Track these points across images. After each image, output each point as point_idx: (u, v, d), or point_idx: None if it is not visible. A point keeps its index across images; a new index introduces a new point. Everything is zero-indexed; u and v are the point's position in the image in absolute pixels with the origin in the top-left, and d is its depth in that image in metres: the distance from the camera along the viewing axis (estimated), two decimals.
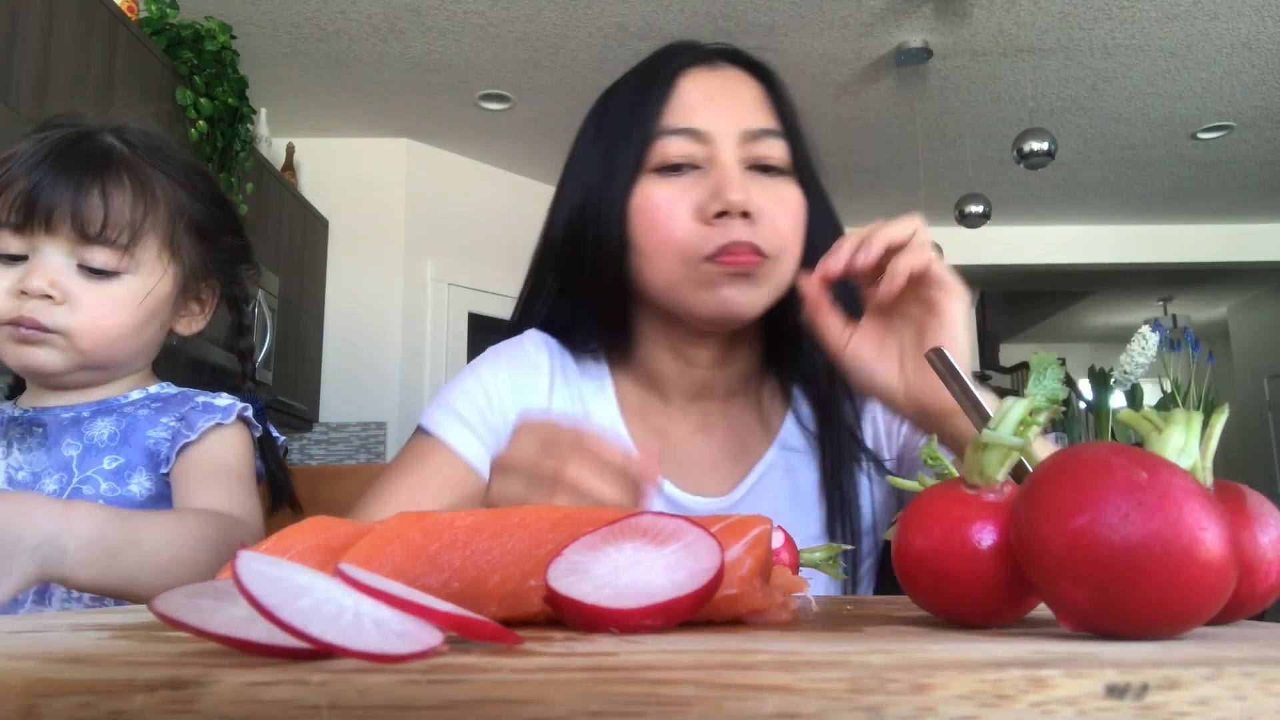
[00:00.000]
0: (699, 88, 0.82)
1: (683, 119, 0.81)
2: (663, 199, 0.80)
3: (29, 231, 0.80)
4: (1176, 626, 0.30)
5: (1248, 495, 0.37)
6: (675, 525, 0.35)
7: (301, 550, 0.37)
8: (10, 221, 0.79)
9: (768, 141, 0.81)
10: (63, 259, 0.81)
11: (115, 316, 0.83)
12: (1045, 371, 0.38)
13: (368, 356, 4.23)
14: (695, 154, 0.80)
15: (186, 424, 0.84)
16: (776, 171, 0.81)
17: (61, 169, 0.80)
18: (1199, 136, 4.56)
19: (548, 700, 0.21)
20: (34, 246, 0.80)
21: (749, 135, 0.80)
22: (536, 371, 0.88)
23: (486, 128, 4.29)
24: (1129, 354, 2.88)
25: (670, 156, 0.80)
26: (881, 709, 0.22)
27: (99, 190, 0.81)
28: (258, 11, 3.32)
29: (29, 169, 0.80)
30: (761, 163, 0.81)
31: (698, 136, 0.80)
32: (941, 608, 0.37)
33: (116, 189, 0.82)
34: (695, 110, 0.81)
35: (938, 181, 4.88)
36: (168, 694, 0.22)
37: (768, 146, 0.81)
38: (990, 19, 3.50)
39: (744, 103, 0.82)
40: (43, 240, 0.80)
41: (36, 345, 0.81)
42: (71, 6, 2.39)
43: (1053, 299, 7.78)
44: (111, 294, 0.82)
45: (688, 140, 0.80)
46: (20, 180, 0.79)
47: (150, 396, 0.88)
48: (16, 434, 0.85)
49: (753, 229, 0.77)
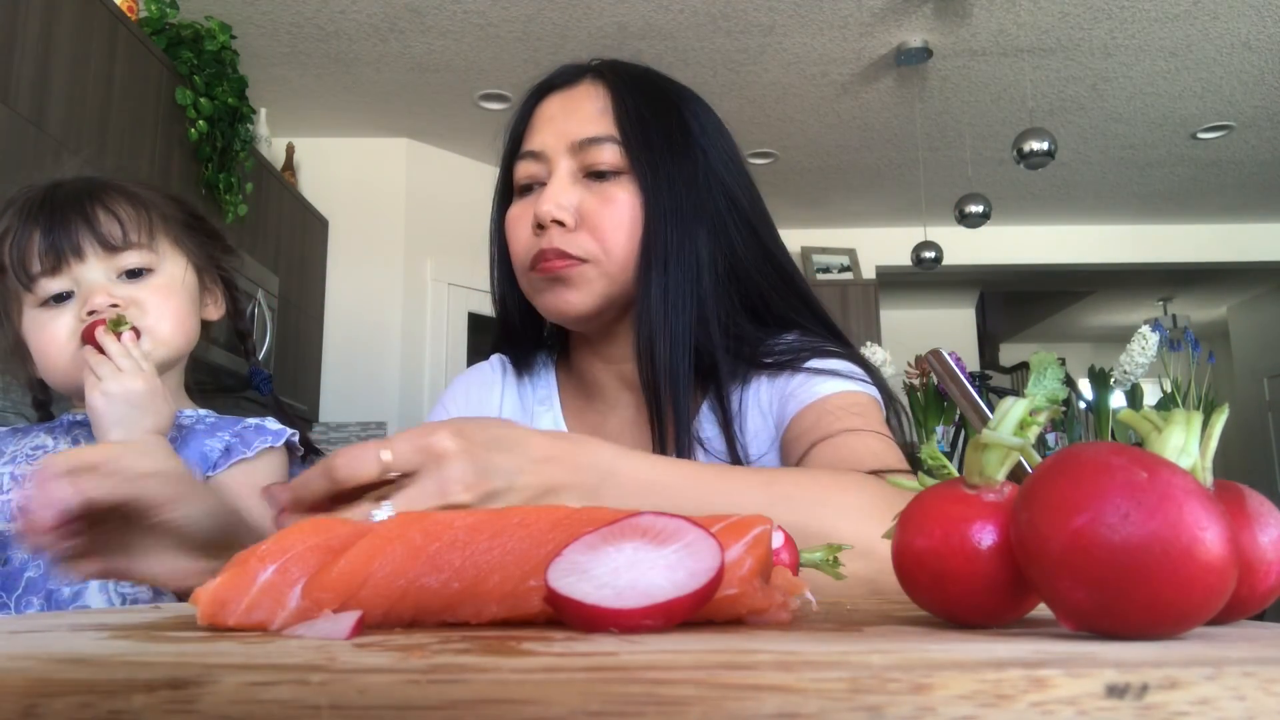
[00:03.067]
0: (545, 111, 0.91)
1: (528, 143, 0.90)
2: (512, 218, 0.90)
3: (64, 268, 0.88)
4: (1176, 626, 0.30)
5: (1248, 495, 0.37)
6: (675, 525, 0.35)
7: (301, 550, 0.37)
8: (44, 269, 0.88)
9: (597, 148, 0.86)
10: (103, 276, 0.89)
11: (173, 304, 0.92)
12: (1045, 371, 0.38)
13: (368, 356, 4.23)
14: (537, 173, 0.89)
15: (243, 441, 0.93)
16: (608, 175, 0.87)
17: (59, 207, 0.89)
18: (1199, 136, 4.56)
19: (548, 700, 0.21)
20: (74, 279, 0.89)
21: (578, 146, 0.87)
22: (490, 388, 1.00)
23: (486, 128, 4.29)
24: (1129, 354, 2.88)
25: (519, 179, 0.90)
26: (881, 709, 0.22)
27: (102, 207, 0.90)
28: (257, 11, 3.32)
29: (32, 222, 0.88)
30: (593, 169, 0.87)
31: (537, 156, 0.89)
32: (941, 608, 0.37)
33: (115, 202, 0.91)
34: (536, 133, 0.90)
35: (938, 181, 4.89)
36: (168, 694, 0.22)
37: (597, 153, 0.86)
38: (990, 19, 3.50)
39: (580, 115, 0.88)
40: (79, 269, 0.89)
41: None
42: (71, 6, 2.39)
43: (1053, 299, 7.78)
44: (157, 286, 0.91)
45: (530, 162, 0.89)
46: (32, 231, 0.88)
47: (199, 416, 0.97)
48: (84, 433, 0.93)
49: (566, 236, 0.85)
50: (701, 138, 0.90)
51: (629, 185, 0.86)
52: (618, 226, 0.85)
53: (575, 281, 0.85)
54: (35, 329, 0.89)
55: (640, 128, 0.87)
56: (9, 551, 0.85)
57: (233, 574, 0.36)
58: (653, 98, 0.90)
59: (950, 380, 0.46)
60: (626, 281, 0.86)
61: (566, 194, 0.86)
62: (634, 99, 0.89)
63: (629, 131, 0.87)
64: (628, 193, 0.86)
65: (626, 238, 0.86)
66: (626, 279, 0.86)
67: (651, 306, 0.85)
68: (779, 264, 0.93)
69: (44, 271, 0.88)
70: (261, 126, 3.72)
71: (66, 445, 0.92)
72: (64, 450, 0.90)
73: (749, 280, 0.91)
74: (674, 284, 0.85)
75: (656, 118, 0.89)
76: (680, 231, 0.86)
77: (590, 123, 0.88)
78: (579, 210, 0.85)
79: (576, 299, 0.86)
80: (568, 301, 0.86)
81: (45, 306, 0.89)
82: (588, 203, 0.86)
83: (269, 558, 0.36)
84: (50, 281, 0.88)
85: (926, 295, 6.90)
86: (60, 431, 0.94)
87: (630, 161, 0.86)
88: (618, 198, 0.86)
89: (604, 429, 0.94)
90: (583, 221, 0.85)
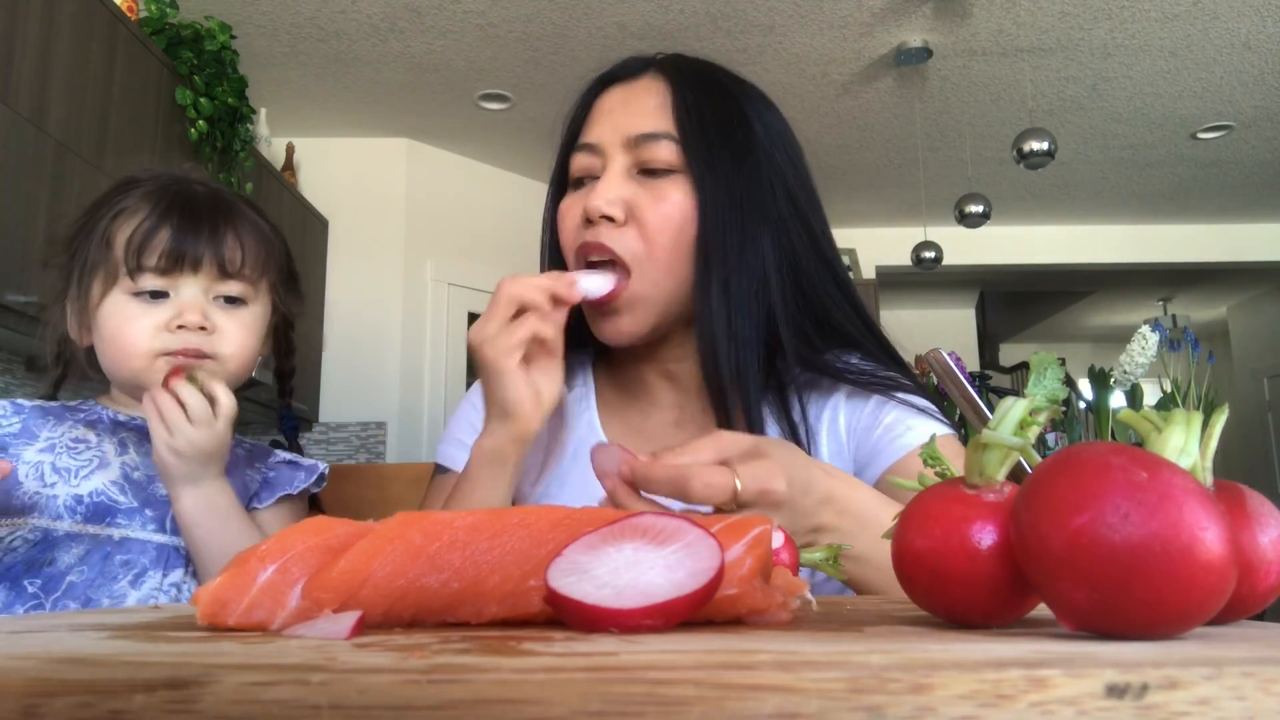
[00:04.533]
0: (605, 103, 0.89)
1: (584, 135, 0.89)
2: (564, 210, 0.88)
3: (175, 274, 0.90)
4: (1176, 626, 0.30)
5: (1248, 495, 0.37)
6: (675, 525, 0.35)
7: (301, 550, 0.37)
8: (159, 266, 0.89)
9: (652, 145, 0.84)
10: (201, 294, 0.91)
11: (251, 340, 0.94)
12: (1045, 371, 0.38)
13: (368, 356, 4.23)
14: (592, 166, 0.87)
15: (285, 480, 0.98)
16: (662, 173, 0.84)
17: (196, 215, 0.91)
18: (1199, 136, 4.56)
19: (548, 700, 0.21)
20: (177, 285, 0.90)
21: (633, 141, 0.85)
22: None
23: (486, 128, 4.29)
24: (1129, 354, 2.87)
25: (574, 171, 0.89)
26: (881, 709, 0.22)
27: (233, 232, 0.92)
28: (257, 11, 3.32)
29: (166, 217, 0.90)
30: (647, 166, 0.85)
31: (592, 149, 0.87)
32: (941, 608, 0.37)
33: (246, 229, 0.94)
34: (594, 125, 0.88)
35: (938, 181, 4.89)
36: (168, 694, 0.22)
37: (652, 150, 0.84)
38: (990, 19, 3.50)
39: (638, 110, 0.87)
40: (186, 279, 0.90)
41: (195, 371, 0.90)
42: (71, 6, 2.39)
43: (1053, 299, 7.78)
44: (244, 320, 0.93)
45: (585, 154, 0.88)
46: (163, 228, 0.89)
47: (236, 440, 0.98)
48: (132, 438, 0.94)
49: (613, 232, 0.83)
50: (765, 138, 0.88)
51: (683, 184, 0.84)
52: (665, 226, 0.83)
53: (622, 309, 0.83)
54: (120, 316, 0.89)
55: (699, 125, 0.85)
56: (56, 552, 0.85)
57: (233, 574, 0.36)
58: (715, 94, 0.88)
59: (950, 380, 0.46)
60: (677, 285, 0.84)
61: (617, 189, 0.84)
62: (695, 95, 0.87)
63: (687, 129, 0.85)
64: (681, 192, 0.84)
65: (674, 238, 0.83)
66: (676, 282, 0.84)
67: (713, 308, 0.83)
68: (837, 274, 0.90)
69: (157, 269, 0.89)
70: (261, 126, 3.72)
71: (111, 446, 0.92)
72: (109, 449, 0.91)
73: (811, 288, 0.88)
74: (736, 285, 0.83)
75: (717, 115, 0.86)
76: (741, 233, 0.84)
77: (647, 118, 0.86)
78: (629, 206, 0.83)
79: (629, 324, 0.84)
80: (619, 331, 0.84)
81: (138, 298, 0.89)
82: (639, 199, 0.84)
83: (269, 558, 0.36)
84: (157, 279, 0.89)
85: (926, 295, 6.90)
86: (104, 430, 0.93)
87: (686, 160, 0.84)
88: (670, 196, 0.84)
89: (644, 429, 0.92)
90: (631, 218, 0.83)
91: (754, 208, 0.85)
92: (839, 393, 0.88)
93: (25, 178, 2.23)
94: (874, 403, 0.86)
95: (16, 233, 2.21)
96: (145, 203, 0.91)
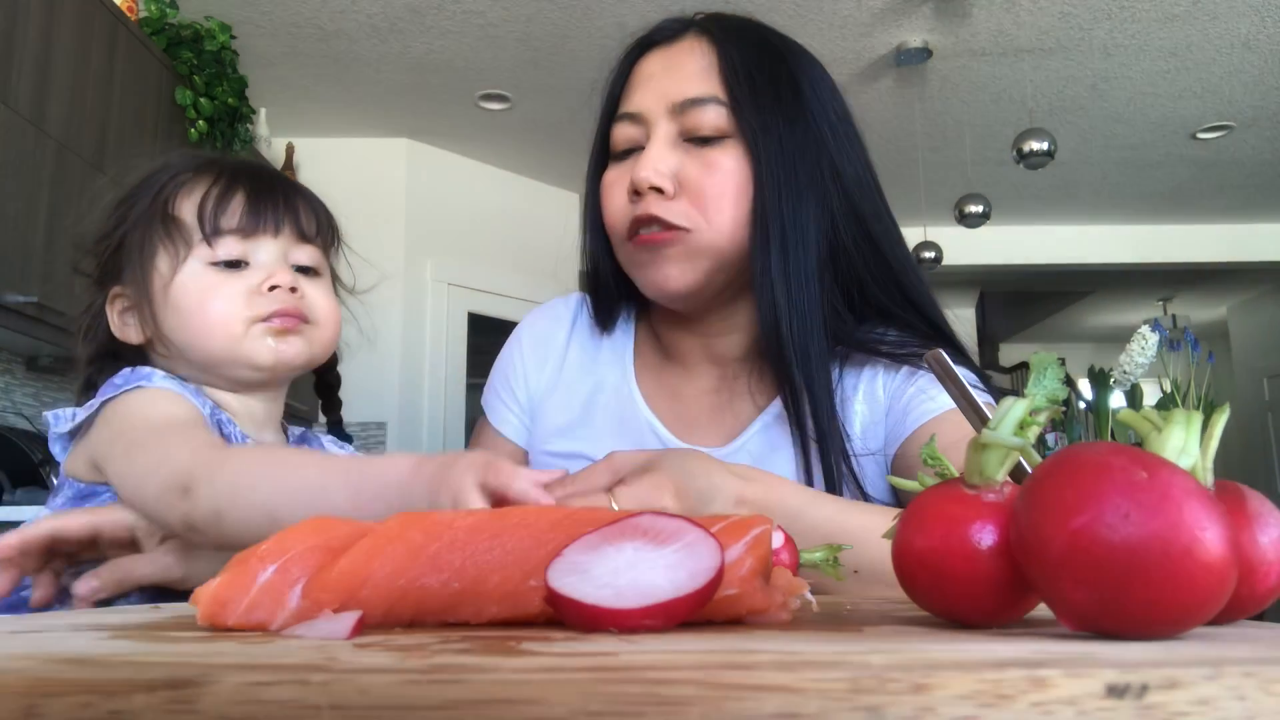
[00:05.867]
0: (645, 69, 0.84)
1: (626, 104, 0.84)
2: (608, 183, 0.84)
3: (254, 237, 0.84)
4: (1176, 626, 0.30)
5: (1248, 495, 0.37)
6: (675, 525, 0.35)
7: (301, 550, 0.37)
8: (239, 227, 0.83)
9: (699, 110, 0.80)
10: (280, 260, 0.85)
11: (333, 306, 0.90)
12: (1045, 371, 0.38)
13: (368, 356, 4.23)
14: (636, 136, 0.82)
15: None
16: (712, 140, 0.80)
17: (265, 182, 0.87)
18: (1199, 136, 4.55)
19: (548, 700, 0.21)
20: (253, 252, 0.84)
21: (678, 108, 0.80)
22: (557, 325, 0.97)
23: (486, 128, 4.29)
24: (1129, 354, 2.87)
25: (617, 142, 0.84)
26: (881, 709, 0.22)
27: (303, 199, 0.88)
28: (257, 11, 3.32)
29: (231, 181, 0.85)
30: (695, 133, 0.80)
31: (634, 119, 0.82)
32: (941, 608, 0.37)
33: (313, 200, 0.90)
34: (635, 92, 0.83)
35: (938, 181, 4.88)
36: (168, 694, 0.22)
37: (699, 116, 0.80)
38: (990, 19, 3.50)
39: (682, 74, 0.81)
40: (263, 244, 0.85)
41: (295, 335, 0.85)
42: (71, 6, 2.39)
43: (1053, 299, 7.78)
44: (323, 289, 0.89)
45: (628, 124, 0.83)
46: (234, 192, 0.84)
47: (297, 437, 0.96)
48: None
49: (665, 204, 0.79)
50: (813, 99, 0.83)
51: (735, 150, 0.79)
52: (721, 195, 0.78)
53: (675, 256, 0.79)
54: (203, 287, 0.82)
55: (749, 87, 0.80)
56: None
57: (233, 574, 0.36)
58: (763, 52, 0.83)
59: (949, 380, 0.46)
60: (731, 255, 0.80)
61: (666, 159, 0.79)
62: (741, 55, 0.81)
63: (736, 91, 0.80)
64: (733, 159, 0.79)
65: (731, 207, 0.79)
66: (731, 253, 0.80)
67: (774, 282, 0.78)
68: (878, 246, 0.84)
69: (236, 230, 0.83)
70: (261, 126, 3.72)
71: None
72: None
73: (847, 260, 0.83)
74: (794, 258, 0.78)
75: (765, 75, 0.81)
76: (795, 200, 0.79)
77: (693, 82, 0.81)
78: (679, 177, 0.79)
79: (677, 274, 0.80)
80: (667, 277, 0.80)
81: (215, 269, 0.83)
82: (689, 169, 0.79)
83: (269, 558, 0.36)
84: (236, 243, 0.83)
85: None
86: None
87: (737, 124, 0.79)
88: (722, 164, 0.79)
89: (681, 392, 0.89)
90: (683, 189, 0.79)
91: (806, 173, 0.80)
92: (878, 363, 0.85)
93: (25, 178, 2.23)
94: (905, 372, 0.83)
95: (16, 233, 2.21)
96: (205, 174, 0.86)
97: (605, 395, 0.92)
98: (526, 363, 0.96)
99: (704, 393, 0.89)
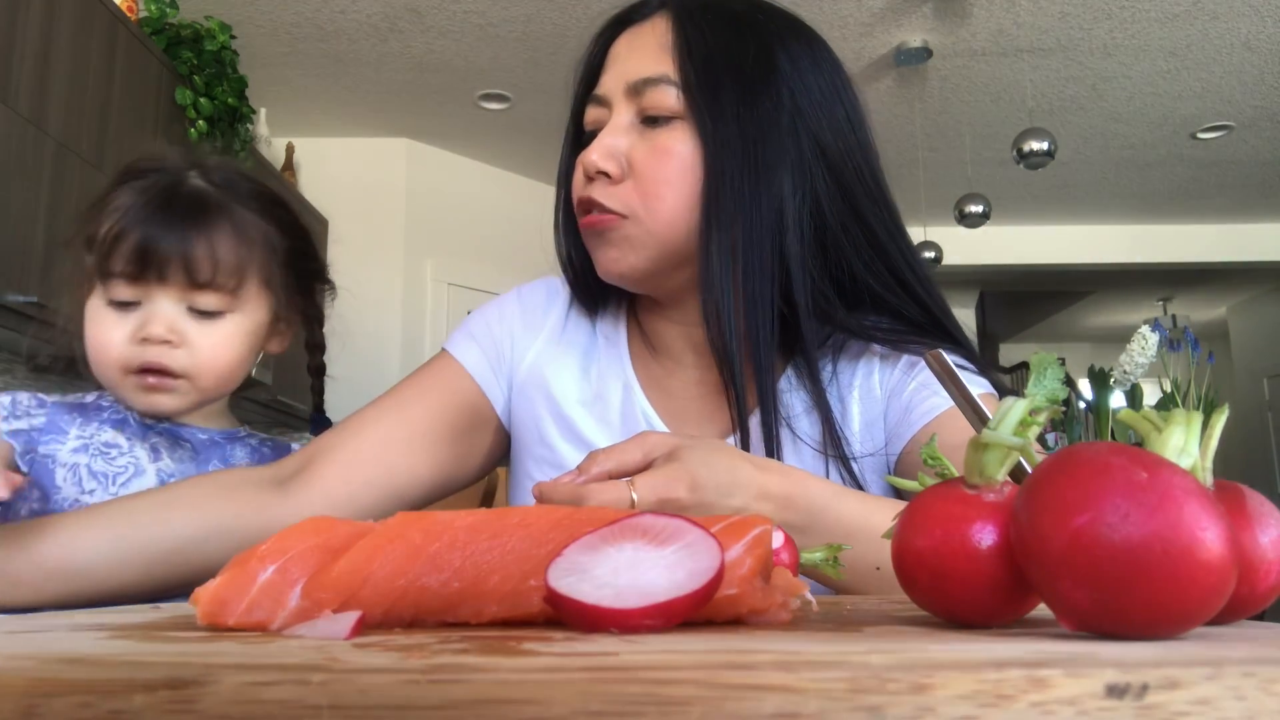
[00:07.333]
0: (615, 49, 0.83)
1: (597, 86, 0.82)
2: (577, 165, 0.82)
3: (143, 281, 0.85)
4: (1176, 626, 0.30)
5: (1248, 495, 0.37)
6: (675, 525, 0.35)
7: (301, 550, 0.37)
8: (125, 272, 0.85)
9: (653, 91, 0.78)
10: (174, 305, 0.87)
11: (228, 354, 0.89)
12: (1045, 371, 0.38)
13: (368, 356, 4.23)
14: (600, 118, 0.81)
15: None
16: (663, 121, 0.78)
17: (168, 221, 0.86)
18: (1199, 136, 4.56)
19: (548, 700, 0.21)
20: (146, 294, 0.86)
21: (634, 88, 0.79)
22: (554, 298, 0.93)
23: (486, 128, 4.29)
24: (1129, 354, 2.87)
25: (586, 124, 0.83)
26: (881, 709, 0.22)
27: (205, 241, 0.87)
28: (257, 11, 3.32)
29: (137, 222, 0.85)
30: (648, 114, 0.78)
31: (599, 101, 0.81)
32: (941, 608, 0.37)
33: (221, 237, 0.88)
34: (604, 74, 0.82)
35: (938, 181, 4.88)
36: (168, 694, 0.22)
37: (653, 96, 0.78)
38: (990, 19, 3.50)
39: (640, 54, 0.80)
40: (155, 289, 0.86)
41: (164, 392, 0.88)
42: (71, 6, 2.39)
43: (1053, 299, 7.78)
44: (221, 332, 0.89)
45: (595, 106, 0.82)
46: (131, 233, 0.85)
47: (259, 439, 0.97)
48: (164, 444, 0.91)
49: (608, 189, 0.78)
50: (791, 75, 0.79)
51: (686, 133, 0.77)
52: (665, 180, 0.77)
53: (615, 241, 0.78)
54: (94, 321, 0.87)
55: (704, 65, 0.77)
56: None
57: (233, 574, 0.36)
58: (727, 27, 0.80)
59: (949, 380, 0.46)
60: (677, 242, 0.78)
61: (618, 142, 0.78)
62: (700, 31, 0.79)
63: (689, 71, 0.77)
64: (683, 142, 0.77)
65: (675, 193, 0.77)
66: (676, 239, 0.78)
67: (712, 267, 0.76)
68: (871, 230, 0.81)
69: (122, 275, 0.85)
70: (261, 126, 3.72)
71: (144, 452, 0.89)
72: (141, 455, 0.88)
73: (835, 244, 0.80)
74: (746, 241, 0.76)
75: (728, 54, 0.78)
76: (754, 182, 0.76)
77: (648, 62, 0.78)
78: (629, 160, 0.78)
79: (617, 256, 0.78)
80: (611, 260, 0.79)
81: (112, 307, 0.87)
82: (638, 152, 0.77)
83: (269, 558, 0.36)
84: (125, 288, 0.86)
85: None
86: (133, 434, 0.90)
87: (689, 106, 0.77)
88: (670, 148, 0.77)
89: (669, 385, 0.87)
90: (631, 172, 0.77)
91: (773, 153, 0.77)
92: (874, 356, 0.83)
93: (25, 178, 2.23)
94: (904, 363, 0.81)
95: (16, 233, 2.21)
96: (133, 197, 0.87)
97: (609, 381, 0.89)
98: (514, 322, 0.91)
99: (691, 384, 0.87)
